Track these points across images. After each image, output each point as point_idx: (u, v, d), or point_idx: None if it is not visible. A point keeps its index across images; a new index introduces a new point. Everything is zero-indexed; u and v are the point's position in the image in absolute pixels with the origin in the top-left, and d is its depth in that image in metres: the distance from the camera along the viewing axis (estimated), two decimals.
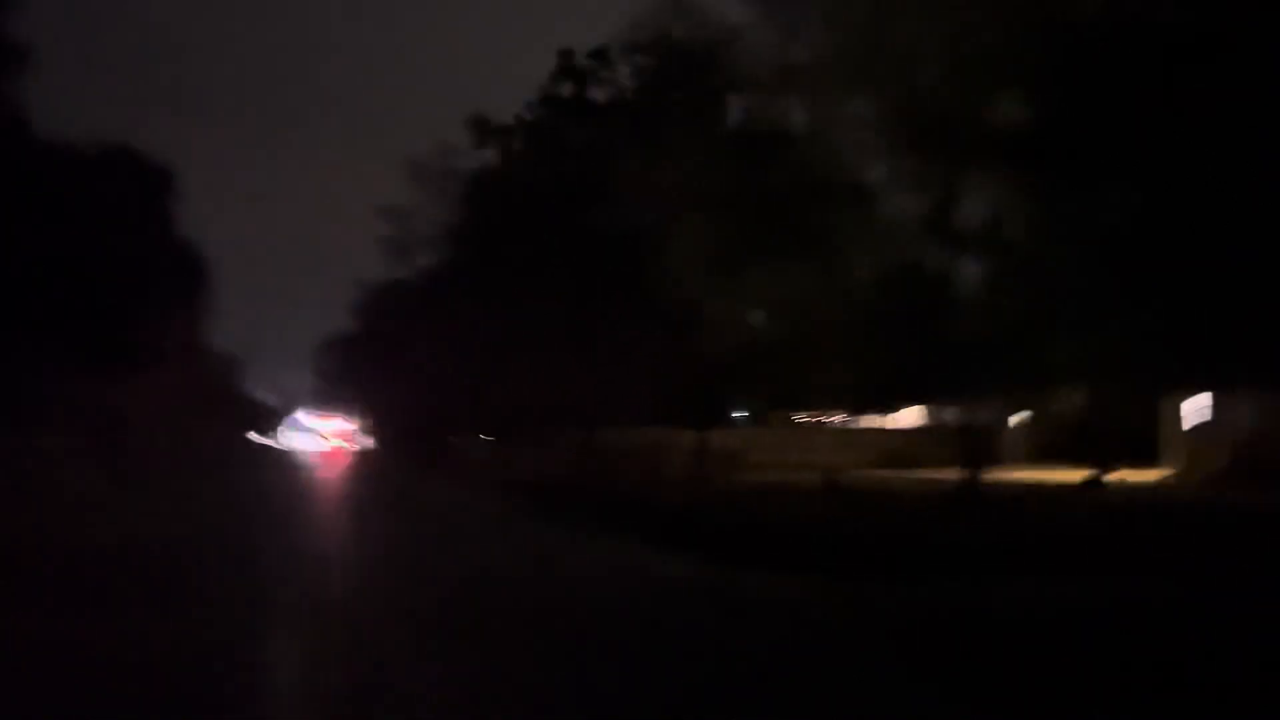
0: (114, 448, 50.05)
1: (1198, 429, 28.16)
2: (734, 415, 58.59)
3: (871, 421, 52.78)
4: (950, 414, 46.54)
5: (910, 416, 50.01)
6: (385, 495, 28.70)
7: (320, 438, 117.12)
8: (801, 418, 51.03)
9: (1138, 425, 32.43)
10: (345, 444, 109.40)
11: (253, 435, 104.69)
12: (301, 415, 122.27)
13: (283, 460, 64.16)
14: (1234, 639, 7.99)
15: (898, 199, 19.53)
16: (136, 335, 53.15)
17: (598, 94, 27.70)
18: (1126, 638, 8.19)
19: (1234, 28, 13.97)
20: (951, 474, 31.37)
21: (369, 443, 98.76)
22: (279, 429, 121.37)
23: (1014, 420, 45.93)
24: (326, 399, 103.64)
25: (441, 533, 18.33)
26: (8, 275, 40.82)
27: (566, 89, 27.71)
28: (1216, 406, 26.77)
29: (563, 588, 11.64)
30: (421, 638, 8.55)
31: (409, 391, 56.07)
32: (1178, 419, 29.05)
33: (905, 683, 6.90)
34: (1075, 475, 27.49)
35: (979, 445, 21.18)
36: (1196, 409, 28.16)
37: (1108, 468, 25.95)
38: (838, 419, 53.35)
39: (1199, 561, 11.46)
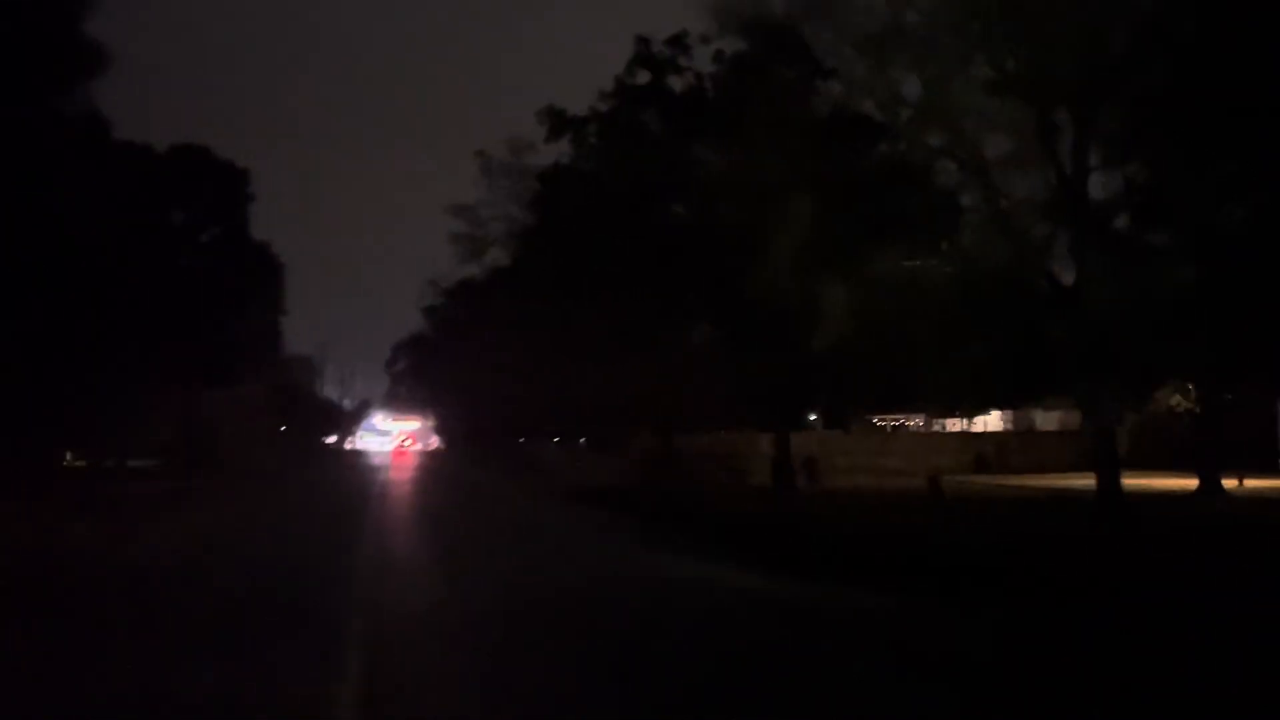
0: (205, 462, 50.45)
1: None
2: (809, 418, 57.09)
3: (950, 425, 50.92)
4: (1042, 418, 44.72)
5: (991, 421, 48.09)
6: (461, 504, 27.54)
7: (394, 440, 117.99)
8: (876, 421, 49.27)
9: (1249, 430, 30.37)
10: (418, 446, 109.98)
11: (330, 439, 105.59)
12: (376, 418, 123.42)
13: (358, 464, 64.07)
14: None
15: (1012, 178, 17.92)
16: (219, 343, 53.62)
17: (676, 83, 26.32)
18: None
19: None
20: (1046, 480, 29.67)
21: (440, 445, 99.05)
22: (355, 433, 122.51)
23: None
24: (399, 402, 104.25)
25: (516, 547, 16.82)
26: (87, 285, 41.03)
27: (643, 77, 26.35)
28: None
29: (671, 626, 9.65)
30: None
31: (480, 394, 55.61)
32: None
33: None
34: (1179, 482, 25.63)
35: (1103, 449, 19.39)
36: None
37: (1218, 473, 23.94)
38: (914, 423, 51.49)
39: None
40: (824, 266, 18.55)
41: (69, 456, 52.41)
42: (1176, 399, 27.71)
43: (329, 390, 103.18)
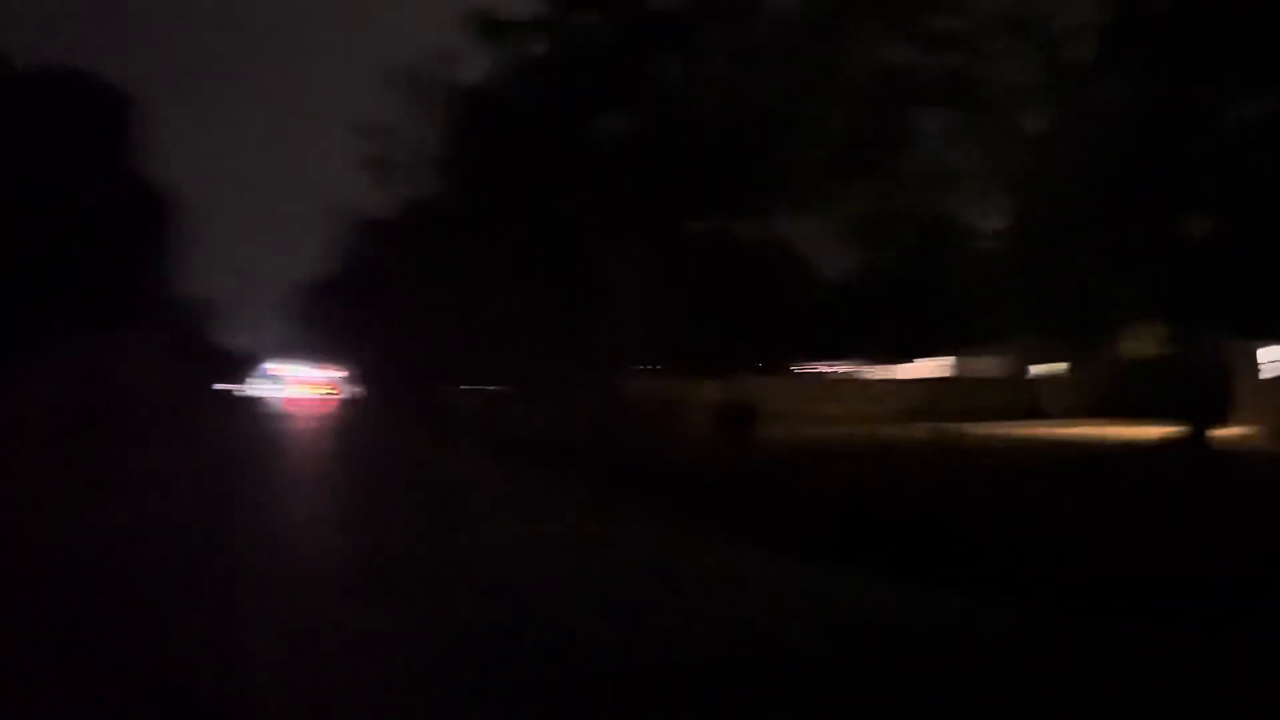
0: (93, 408, 46.77)
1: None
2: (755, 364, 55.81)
3: (879, 373, 50.56)
4: (982, 365, 44.45)
5: (923, 368, 47.79)
6: (370, 458, 25.43)
7: (293, 386, 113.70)
8: (805, 370, 48.49)
9: (1199, 377, 30.10)
10: (322, 393, 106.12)
11: (223, 385, 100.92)
12: (272, 364, 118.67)
13: (253, 411, 60.69)
14: None
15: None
16: (104, 285, 49.74)
17: None
18: None
19: None
20: (1007, 427, 28.98)
21: (348, 392, 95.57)
22: (250, 378, 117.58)
23: (1039, 372, 43.70)
24: (301, 346, 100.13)
25: (441, 504, 14.98)
26: None
27: None
28: None
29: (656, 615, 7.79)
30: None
31: (393, 337, 52.90)
32: (1255, 369, 26.56)
33: None
34: (1137, 432, 25.06)
35: (1207, 394, 17.92)
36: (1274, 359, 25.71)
37: (1197, 422, 23.34)
38: (840, 371, 50.92)
39: None
40: (842, 177, 17.02)
41: None
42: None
43: (230, 336, 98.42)
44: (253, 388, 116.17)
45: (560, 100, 22.32)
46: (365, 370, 77.38)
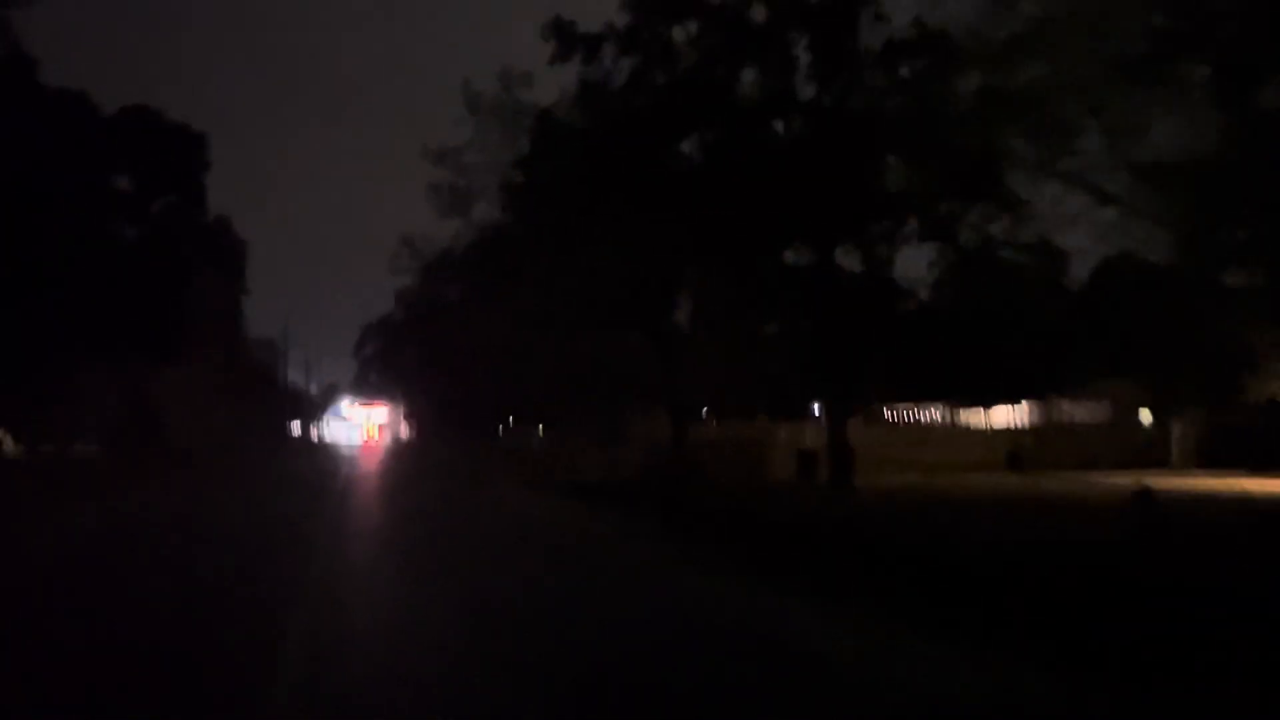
0: (145, 449, 45.94)
1: None
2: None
3: (968, 419, 47.77)
4: (1079, 411, 41.34)
5: (1013, 414, 44.91)
6: (446, 507, 23.02)
7: (361, 429, 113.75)
8: (887, 413, 45.76)
9: None
10: (388, 436, 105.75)
11: (293, 427, 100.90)
12: (342, 406, 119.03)
13: (323, 455, 59.60)
14: None
15: None
16: (169, 322, 49.04)
17: None
18: None
19: None
20: (1131, 476, 25.98)
21: (413, 435, 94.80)
22: (320, 421, 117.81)
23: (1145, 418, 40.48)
24: (368, 388, 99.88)
25: (515, 558, 12.50)
26: (17, 250, 36.64)
27: None
28: None
29: None
30: None
31: (458, 379, 51.45)
32: None
33: None
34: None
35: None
36: None
37: None
38: (927, 414, 48.03)
39: None
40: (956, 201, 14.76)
41: (9, 443, 47.96)
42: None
43: (295, 376, 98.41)
44: (324, 430, 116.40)
45: (644, 119, 20.30)
46: (430, 413, 76.32)
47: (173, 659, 6.94)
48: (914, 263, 21.25)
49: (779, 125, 20.14)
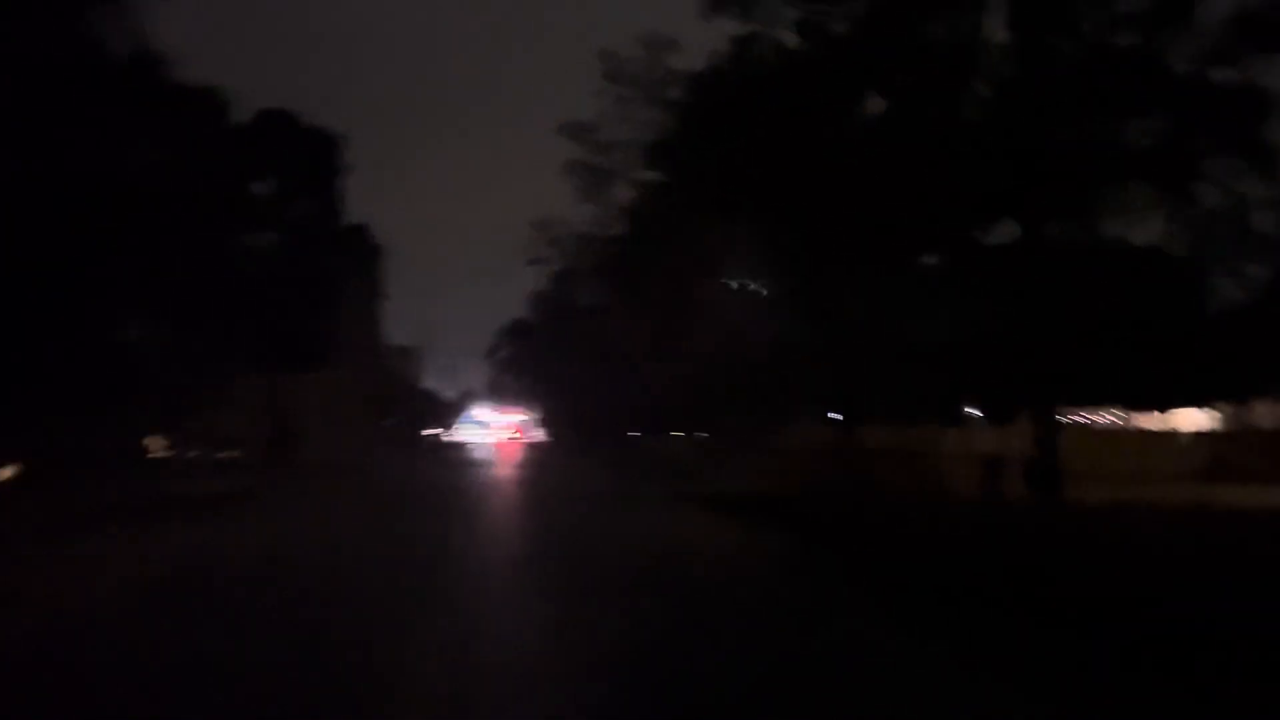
0: (288, 456, 45.95)
1: None
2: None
3: (1145, 423, 43.57)
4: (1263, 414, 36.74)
5: (1193, 419, 40.56)
6: (580, 521, 20.67)
7: (495, 432, 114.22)
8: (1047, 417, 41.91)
9: None
10: (521, 438, 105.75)
11: (430, 431, 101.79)
12: (476, 409, 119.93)
13: (456, 458, 58.88)
14: None
15: None
16: (314, 330, 49.10)
17: None
18: None
19: None
20: None
21: (545, 438, 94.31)
22: (455, 424, 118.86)
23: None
24: (502, 391, 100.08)
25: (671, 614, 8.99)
26: (156, 255, 36.56)
27: None
28: None
29: None
30: None
31: (590, 381, 49.91)
32: None
33: None
34: None
35: None
36: None
37: None
38: (1099, 419, 43.91)
39: None
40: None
41: (161, 446, 48.79)
42: None
43: (431, 381, 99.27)
44: (459, 433, 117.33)
45: (815, 74, 17.65)
46: (562, 416, 75.33)
47: None
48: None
49: (975, 80, 17.22)
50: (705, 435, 37.22)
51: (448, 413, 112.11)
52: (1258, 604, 8.08)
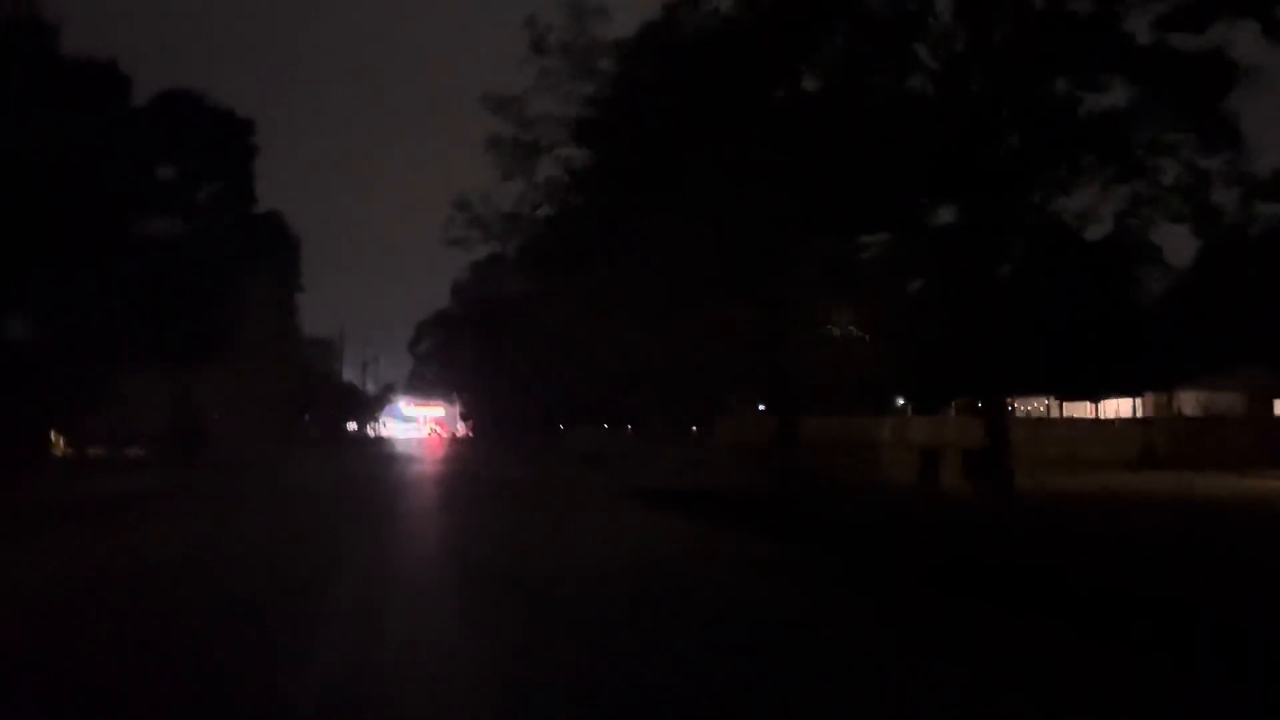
0: (190, 454, 43.63)
1: None
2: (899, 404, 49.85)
3: (1073, 411, 44.05)
4: (1206, 403, 37.12)
5: (1117, 408, 41.04)
6: (515, 517, 19.32)
7: (419, 427, 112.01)
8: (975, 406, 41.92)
9: None
10: (446, 433, 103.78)
11: (351, 426, 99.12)
12: (400, 404, 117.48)
13: (377, 454, 56.94)
14: None
15: None
16: (220, 321, 46.75)
17: None
18: None
19: None
20: None
21: (469, 432, 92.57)
22: (378, 419, 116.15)
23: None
24: (425, 385, 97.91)
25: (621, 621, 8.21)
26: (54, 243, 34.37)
27: None
28: None
29: None
30: None
31: (516, 374, 48.59)
32: None
33: None
34: None
35: None
36: None
37: None
38: (1033, 407, 44.16)
39: None
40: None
41: (62, 443, 46.19)
42: None
43: (350, 375, 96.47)
44: (382, 428, 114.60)
45: (749, 41, 16.51)
46: (487, 410, 73.85)
47: None
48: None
49: (918, 45, 16.27)
50: (635, 427, 36.24)
51: (369, 407, 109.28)
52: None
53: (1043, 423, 35.52)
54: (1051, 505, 15.49)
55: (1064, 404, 44.34)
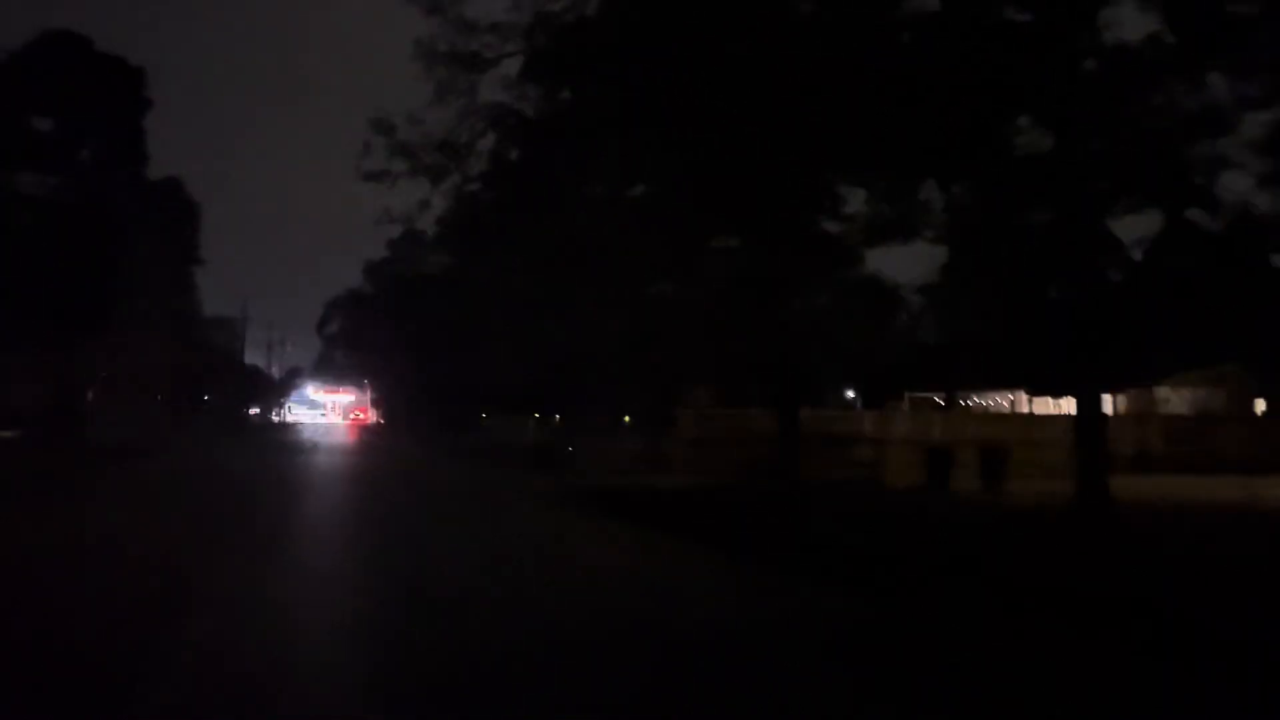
0: (65, 436, 38.73)
1: None
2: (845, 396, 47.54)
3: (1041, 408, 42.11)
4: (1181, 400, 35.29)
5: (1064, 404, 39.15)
6: (433, 521, 16.06)
7: (327, 413, 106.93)
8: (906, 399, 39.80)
9: None
10: (355, 419, 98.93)
11: (253, 411, 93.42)
12: (308, 388, 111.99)
13: (281, 441, 52.35)
14: None
15: None
16: (100, 290, 41.87)
17: None
18: None
19: None
20: None
21: (380, 419, 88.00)
22: (283, 404, 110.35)
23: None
24: (334, 369, 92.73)
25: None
26: None
27: None
28: None
29: None
30: None
31: (433, 354, 44.77)
32: None
33: None
34: None
35: None
36: None
37: None
38: (995, 402, 42.13)
39: None
40: None
41: None
42: None
43: (255, 358, 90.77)
44: (286, 413, 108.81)
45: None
46: (405, 395, 69.48)
47: None
48: None
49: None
50: (566, 417, 32.81)
51: (273, 391, 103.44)
52: None
53: (998, 419, 33.30)
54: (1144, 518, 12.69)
55: (1033, 399, 42.22)
